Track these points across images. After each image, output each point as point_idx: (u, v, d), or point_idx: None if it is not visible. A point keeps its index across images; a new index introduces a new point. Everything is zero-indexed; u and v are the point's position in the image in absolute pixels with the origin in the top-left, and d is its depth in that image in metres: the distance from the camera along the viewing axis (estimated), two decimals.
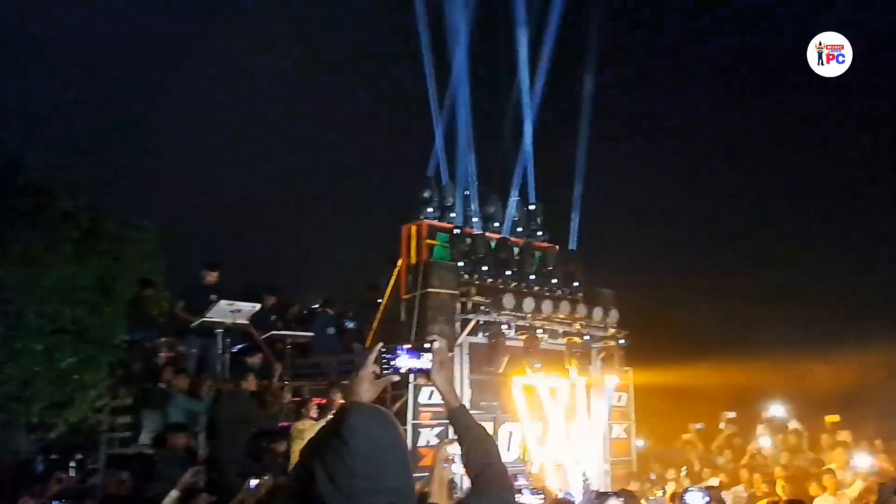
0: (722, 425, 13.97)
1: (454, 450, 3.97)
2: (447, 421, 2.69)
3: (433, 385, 2.62)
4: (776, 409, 13.74)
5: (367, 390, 2.46)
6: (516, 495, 5.29)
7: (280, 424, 10.30)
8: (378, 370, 2.48)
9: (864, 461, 10.24)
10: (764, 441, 12.84)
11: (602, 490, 7.53)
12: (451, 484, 6.42)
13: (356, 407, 2.23)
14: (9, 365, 10.17)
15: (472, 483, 2.50)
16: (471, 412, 2.70)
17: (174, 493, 6.71)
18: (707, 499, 6.19)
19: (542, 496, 5.65)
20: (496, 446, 2.63)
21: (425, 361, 2.53)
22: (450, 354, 10.52)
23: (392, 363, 2.50)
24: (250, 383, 10.03)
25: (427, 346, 2.55)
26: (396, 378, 2.56)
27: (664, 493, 7.56)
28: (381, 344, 2.52)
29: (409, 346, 2.54)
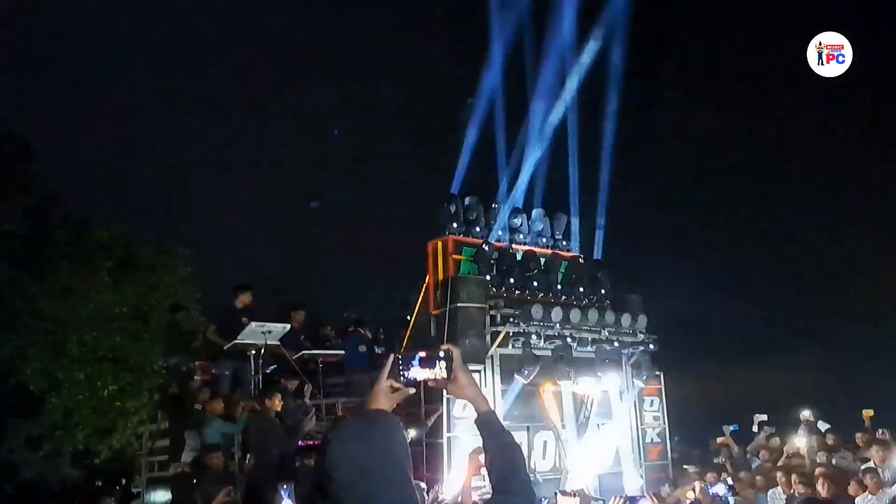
0: (755, 427, 13.89)
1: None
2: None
3: (452, 394, 2.62)
4: (810, 410, 13.61)
5: (382, 404, 2.47)
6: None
7: (315, 442, 10.44)
8: (393, 383, 2.48)
9: None
10: (800, 441, 12.73)
11: (633, 495, 7.56)
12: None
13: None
14: (52, 394, 10.45)
15: (493, 490, 2.49)
16: (503, 422, 2.69)
17: None
18: (730, 487, 6.30)
19: (578, 499, 5.72)
20: (521, 455, 2.58)
21: (440, 371, 2.52)
22: (479, 367, 10.67)
23: (407, 374, 2.50)
24: (275, 403, 10.15)
25: (441, 355, 2.53)
26: (412, 391, 2.53)
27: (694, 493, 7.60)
28: (393, 355, 2.57)
29: (423, 355, 2.53)
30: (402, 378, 2.53)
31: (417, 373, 2.52)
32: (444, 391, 2.66)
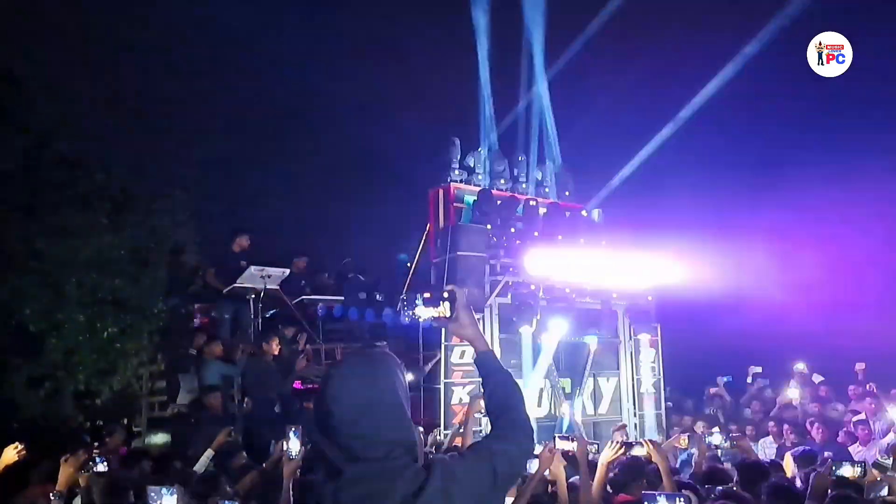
0: (749, 379, 14.07)
1: None
2: (479, 378, 2.72)
3: (453, 333, 2.68)
4: (804, 363, 13.78)
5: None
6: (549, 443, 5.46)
7: (314, 385, 10.54)
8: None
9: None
10: (793, 393, 12.91)
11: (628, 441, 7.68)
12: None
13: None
14: (53, 335, 10.48)
15: (492, 427, 2.55)
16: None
17: (209, 453, 6.98)
18: (729, 435, 6.41)
19: (575, 442, 5.81)
20: (519, 393, 2.63)
21: (443, 310, 2.59)
22: (478, 316, 10.73)
23: (412, 312, 2.61)
24: (272, 347, 10.23)
25: (445, 295, 2.60)
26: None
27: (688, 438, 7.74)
28: (402, 295, 2.65)
29: (427, 295, 2.61)
30: (406, 317, 2.68)
31: (422, 311, 2.61)
32: (444, 331, 2.74)
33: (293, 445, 4.36)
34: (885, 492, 4.90)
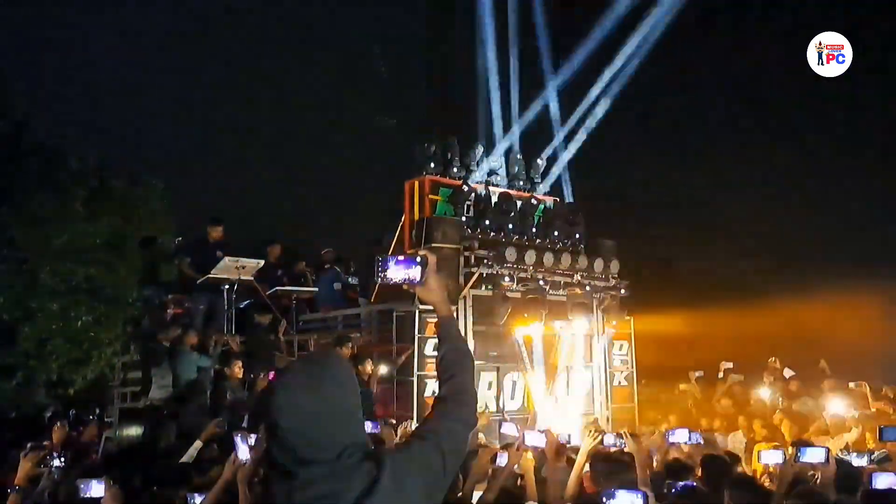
0: (720, 374, 14.20)
1: None
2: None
3: (421, 296, 2.80)
4: (776, 359, 13.92)
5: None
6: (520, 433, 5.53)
7: None
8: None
9: (839, 406, 10.42)
10: (764, 393, 13.04)
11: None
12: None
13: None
14: (26, 324, 10.43)
15: (438, 393, 2.66)
16: (475, 361, 2.85)
17: (198, 444, 6.97)
18: (694, 435, 6.51)
19: (545, 438, 5.89)
20: (471, 362, 2.74)
21: (415, 273, 2.71)
22: (452, 308, 10.77)
23: (385, 274, 2.72)
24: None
25: (417, 259, 2.72)
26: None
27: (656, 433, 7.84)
28: (378, 257, 2.73)
29: (400, 258, 2.73)
30: (379, 277, 2.76)
31: (394, 273, 2.74)
32: (417, 323, 2.83)
33: (241, 452, 4.39)
34: (889, 480, 4.91)
